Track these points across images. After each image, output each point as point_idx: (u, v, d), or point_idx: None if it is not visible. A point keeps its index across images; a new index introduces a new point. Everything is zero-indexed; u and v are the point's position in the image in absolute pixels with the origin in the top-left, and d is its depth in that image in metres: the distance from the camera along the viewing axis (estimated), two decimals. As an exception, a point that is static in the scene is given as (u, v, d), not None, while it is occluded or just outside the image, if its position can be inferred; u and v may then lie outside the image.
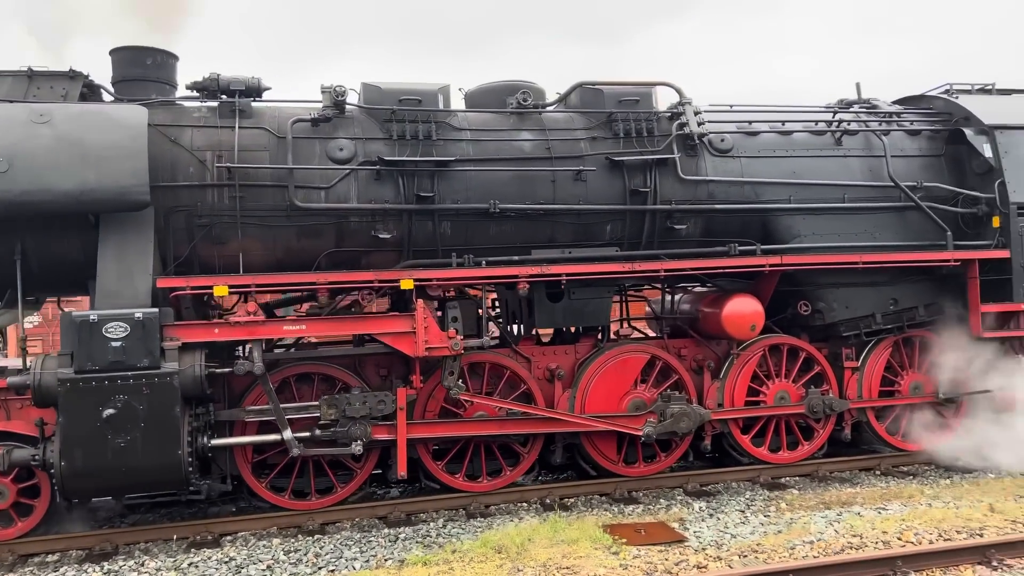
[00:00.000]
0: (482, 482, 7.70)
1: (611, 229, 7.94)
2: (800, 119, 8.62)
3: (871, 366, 8.50)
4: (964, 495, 7.24)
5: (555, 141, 7.86)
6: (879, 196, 8.43)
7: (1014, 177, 8.26)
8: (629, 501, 7.60)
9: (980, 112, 8.48)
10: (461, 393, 7.19)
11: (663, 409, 7.71)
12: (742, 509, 7.17)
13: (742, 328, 7.88)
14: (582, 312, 7.82)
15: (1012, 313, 8.27)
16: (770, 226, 8.23)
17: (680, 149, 8.02)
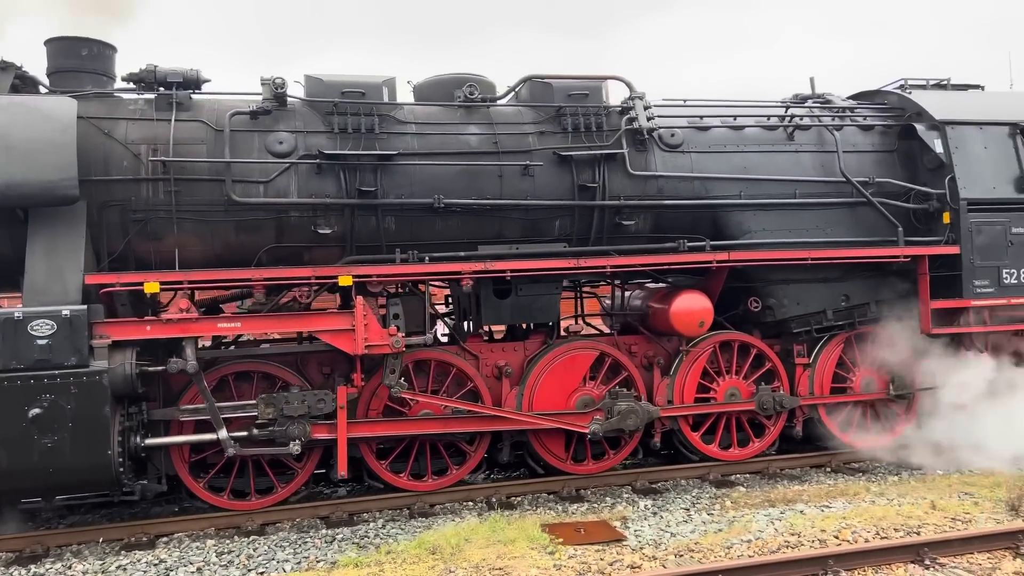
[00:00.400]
0: (427, 481, 7.59)
1: (560, 225, 7.85)
2: (752, 114, 8.55)
3: (823, 363, 8.46)
4: (909, 492, 7.22)
5: (503, 135, 7.75)
6: (831, 192, 8.38)
7: (964, 173, 8.24)
8: (575, 499, 7.52)
9: (932, 107, 8.45)
10: (403, 392, 7.08)
11: (610, 406, 7.63)
12: (687, 507, 7.11)
13: (690, 325, 7.82)
14: (530, 308, 7.73)
15: (963, 309, 8.26)
16: (721, 222, 8.17)
17: (629, 144, 7.94)
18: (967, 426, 8.05)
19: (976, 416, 8.08)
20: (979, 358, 8.33)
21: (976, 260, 8.17)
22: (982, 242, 8.19)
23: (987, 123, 8.41)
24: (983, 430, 7.99)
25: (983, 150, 8.35)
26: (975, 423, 8.08)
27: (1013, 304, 8.28)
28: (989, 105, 8.72)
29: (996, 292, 8.23)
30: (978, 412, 8.08)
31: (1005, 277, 8.24)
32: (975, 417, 8.08)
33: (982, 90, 9.48)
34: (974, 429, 8.02)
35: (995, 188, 8.29)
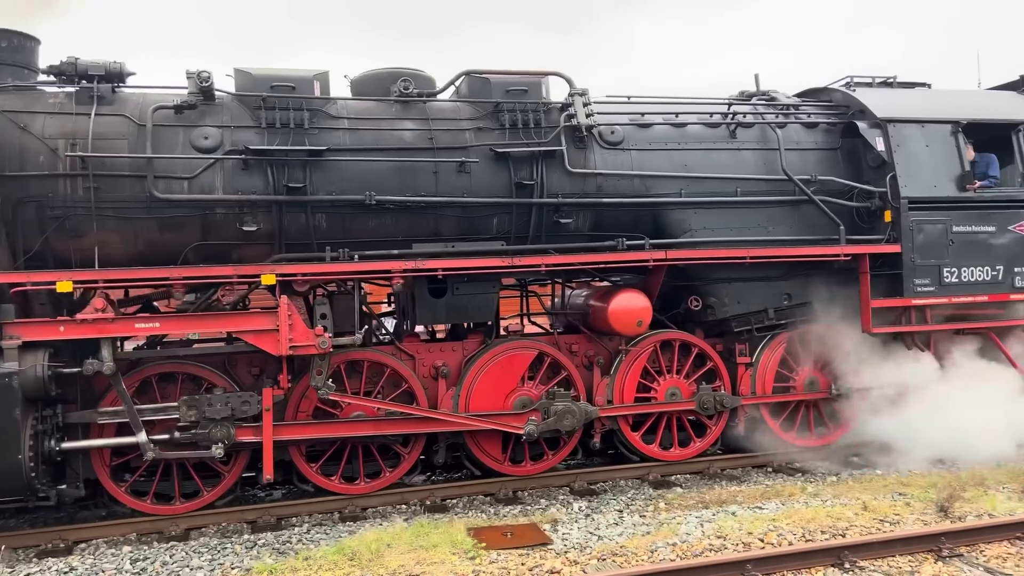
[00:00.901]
0: (359, 484, 7.44)
1: (498, 223, 7.73)
2: (695, 111, 8.46)
3: (765, 362, 8.39)
4: (845, 493, 7.17)
5: (438, 131, 7.61)
6: (773, 190, 8.31)
7: (905, 171, 8.19)
8: (511, 501, 7.41)
9: (874, 105, 8.40)
10: (331, 394, 6.93)
11: (547, 407, 7.53)
12: (620, 509, 7.01)
13: (628, 324, 7.72)
14: (467, 308, 7.60)
15: (906, 308, 8.23)
16: (661, 220, 8.08)
17: (568, 141, 7.82)
18: (907, 425, 8.02)
19: (916, 415, 8.05)
20: (921, 357, 8.30)
21: (917, 259, 8.14)
22: (923, 241, 8.16)
23: (929, 121, 8.37)
24: (922, 429, 7.97)
25: (925, 148, 8.31)
26: (915, 422, 8.06)
27: (954, 303, 8.25)
28: (932, 103, 8.68)
29: (937, 291, 8.20)
30: (918, 411, 8.05)
31: (946, 276, 8.22)
32: (915, 416, 8.06)
33: (928, 88, 9.47)
34: (913, 428, 7.99)
35: (936, 187, 8.25)
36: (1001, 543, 5.64)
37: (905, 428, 8.04)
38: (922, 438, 7.87)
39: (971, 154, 8.58)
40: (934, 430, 7.82)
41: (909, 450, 7.95)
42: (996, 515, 6.18)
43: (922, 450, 7.86)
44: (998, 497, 6.78)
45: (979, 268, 8.33)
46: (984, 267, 8.34)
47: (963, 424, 7.70)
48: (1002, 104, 8.89)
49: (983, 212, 8.35)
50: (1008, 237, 8.42)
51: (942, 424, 7.89)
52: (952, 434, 7.79)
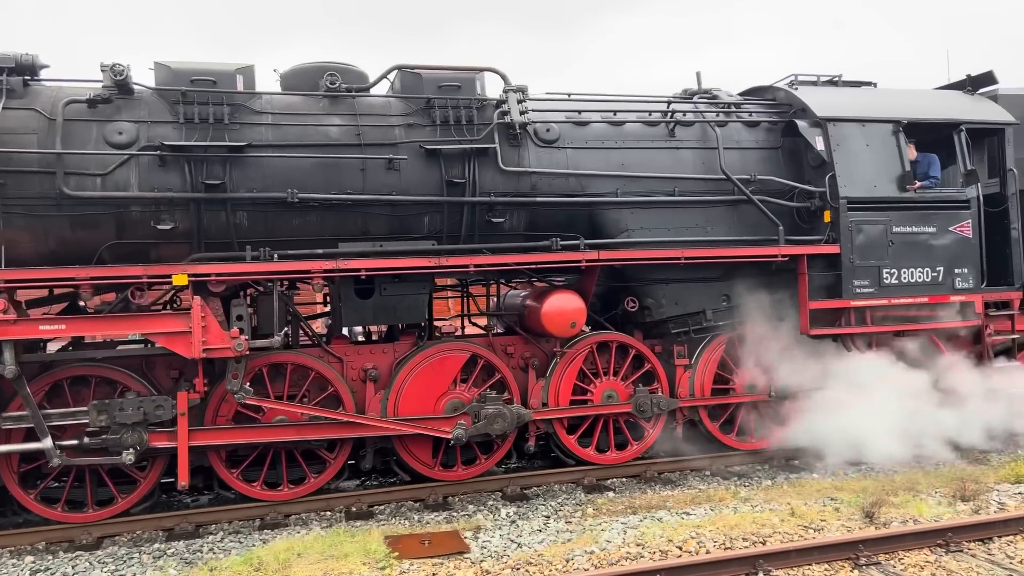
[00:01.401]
0: (283, 491, 7.24)
1: (429, 222, 7.55)
2: (634, 109, 8.32)
3: (703, 364, 8.27)
4: (777, 497, 7.05)
5: (367, 127, 7.42)
6: (712, 189, 8.19)
7: (845, 171, 8.09)
8: (440, 508, 7.24)
9: (814, 104, 8.28)
10: (248, 398, 6.72)
11: (477, 410, 7.36)
12: (548, 515, 6.86)
13: (562, 325, 7.56)
14: (396, 309, 7.41)
15: (845, 310, 8.13)
16: (598, 220, 7.93)
17: (502, 139, 7.66)
18: (838, 428, 7.93)
19: (854, 418, 7.96)
20: (860, 359, 8.21)
21: (856, 260, 8.04)
22: (862, 241, 8.06)
23: (869, 120, 8.27)
24: (859, 432, 7.89)
25: (865, 148, 8.21)
26: (852, 425, 7.97)
27: (894, 304, 8.17)
28: (873, 102, 8.58)
29: (876, 292, 8.11)
30: (855, 413, 7.96)
31: (886, 277, 8.13)
32: (853, 419, 7.97)
33: (874, 87, 9.38)
34: (850, 431, 7.91)
35: (876, 187, 8.15)
36: (921, 551, 5.54)
37: (836, 431, 7.95)
38: (852, 441, 7.79)
39: (913, 154, 8.51)
40: (862, 433, 7.75)
41: (840, 453, 7.86)
42: (923, 521, 6.08)
43: (852, 453, 7.78)
44: (929, 502, 6.69)
45: (919, 269, 8.24)
46: (924, 268, 8.26)
47: (887, 427, 7.63)
48: (945, 104, 8.81)
49: (923, 213, 8.26)
50: (949, 238, 8.34)
51: (877, 426, 7.83)
52: (888, 436, 7.72)
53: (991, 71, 9.32)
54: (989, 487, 7.05)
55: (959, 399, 8.13)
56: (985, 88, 9.40)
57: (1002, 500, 6.63)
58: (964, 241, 8.39)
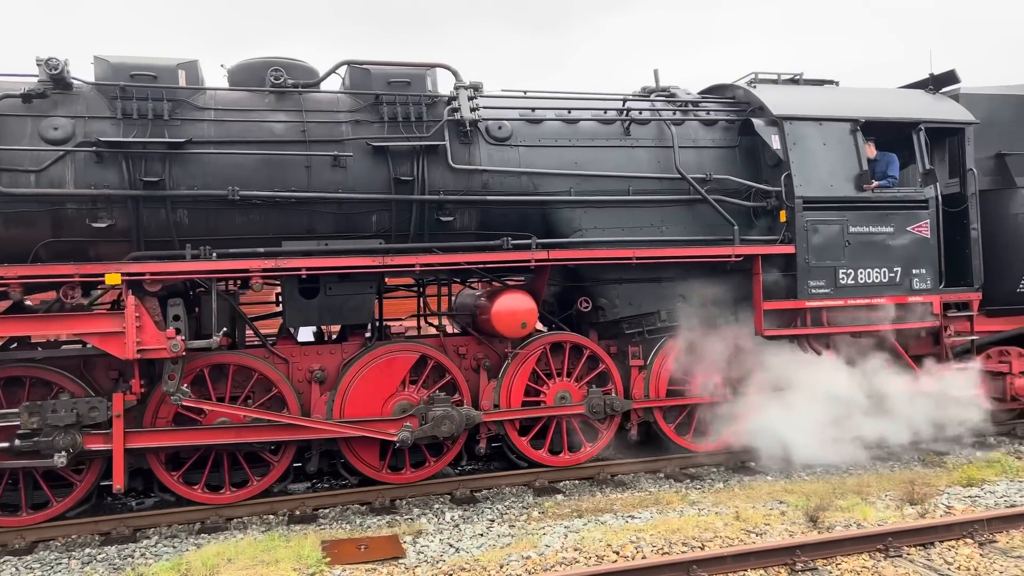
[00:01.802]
0: (224, 493, 7.11)
1: (377, 220, 7.43)
2: (589, 107, 8.21)
3: (659, 364, 8.17)
4: (726, 500, 6.96)
5: (312, 123, 7.29)
6: (667, 188, 8.09)
7: (801, 170, 8.00)
8: (386, 511, 7.11)
9: (771, 102, 8.19)
10: (186, 399, 6.58)
11: (424, 412, 7.24)
12: (493, 519, 6.74)
13: (512, 326, 7.45)
14: (341, 309, 7.28)
15: (800, 310, 8.04)
16: (551, 219, 7.83)
17: (453, 136, 7.54)
18: (793, 430, 7.86)
19: (802, 419, 7.90)
20: (813, 361, 8.13)
21: (812, 260, 7.96)
22: (818, 242, 7.98)
23: (827, 119, 8.18)
24: (807, 434, 7.83)
25: (822, 147, 8.12)
26: (801, 426, 7.91)
27: (850, 305, 8.09)
28: (831, 101, 8.50)
29: (832, 293, 8.03)
30: (804, 415, 7.89)
31: (841, 278, 8.05)
32: (801, 420, 7.90)
33: (835, 85, 9.30)
34: (799, 433, 7.84)
35: (833, 186, 8.07)
36: (860, 556, 5.45)
37: (786, 433, 7.89)
38: (801, 443, 7.74)
39: (872, 152, 8.44)
40: (809, 436, 7.69)
41: (792, 456, 7.79)
42: (866, 525, 5.99)
43: (803, 455, 7.72)
44: (877, 506, 6.61)
45: (876, 270, 8.17)
46: (882, 269, 8.18)
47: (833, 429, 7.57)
48: (905, 103, 8.74)
49: (881, 213, 8.19)
50: (906, 238, 8.27)
51: (832, 428, 7.77)
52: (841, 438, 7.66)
53: (953, 70, 9.27)
54: (940, 490, 6.98)
55: (898, 401, 8.05)
56: (948, 87, 9.35)
57: (950, 503, 6.55)
58: (922, 241, 8.32)
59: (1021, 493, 6.81)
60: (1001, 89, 9.57)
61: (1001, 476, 7.38)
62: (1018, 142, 9.39)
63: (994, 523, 5.77)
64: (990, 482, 7.16)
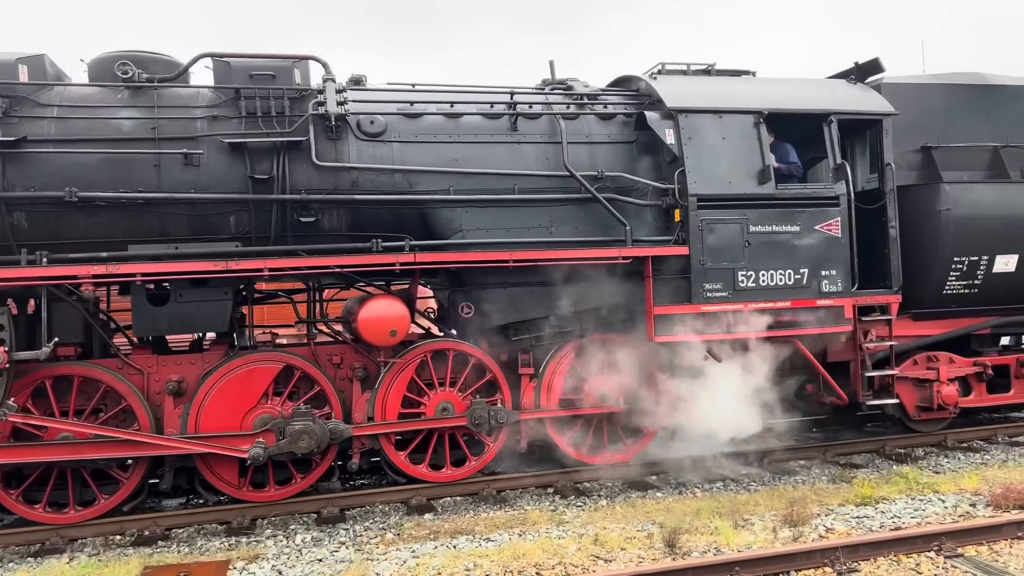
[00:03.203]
0: (69, 513, 6.70)
1: (236, 222, 7.00)
2: (474, 101, 7.75)
3: (550, 373, 7.69)
4: (599, 520, 6.48)
5: (165, 120, 6.88)
6: (557, 187, 7.61)
7: (696, 166, 7.50)
8: (244, 531, 6.68)
9: (666, 94, 7.69)
10: (11, 415, 6.18)
11: (282, 427, 6.81)
12: (346, 541, 6.29)
13: (380, 334, 7.01)
14: (194, 317, 6.85)
15: (696, 315, 7.54)
16: (430, 220, 7.37)
17: (319, 132, 7.11)
18: (695, 442, 7.41)
19: (705, 431, 7.43)
20: (716, 369, 7.63)
21: (707, 262, 7.45)
22: (714, 242, 7.47)
23: (727, 111, 7.67)
24: (709, 446, 7.38)
25: (721, 141, 7.62)
26: (704, 439, 7.45)
27: (750, 310, 7.58)
28: (735, 92, 7.98)
29: (731, 297, 7.52)
30: (707, 426, 7.42)
31: (741, 280, 7.54)
32: (704, 432, 7.43)
33: (752, 76, 8.78)
34: (701, 445, 7.39)
35: (731, 183, 7.56)
36: (702, 588, 4.97)
37: (684, 445, 7.45)
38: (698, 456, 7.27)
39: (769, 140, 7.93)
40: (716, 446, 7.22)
41: (687, 470, 7.35)
42: (726, 551, 5.49)
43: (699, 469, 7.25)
44: (756, 527, 6.09)
45: (780, 272, 7.66)
46: (786, 270, 7.67)
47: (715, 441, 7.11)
48: (815, 93, 8.22)
49: (785, 211, 7.67)
50: (815, 237, 7.75)
51: (725, 439, 7.31)
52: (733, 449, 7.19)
53: (877, 58, 8.74)
54: (829, 509, 6.47)
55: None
56: (873, 76, 8.83)
57: (832, 525, 6.04)
58: (832, 241, 7.79)
59: (915, 513, 6.29)
60: (931, 78, 9.05)
61: (905, 493, 6.85)
62: (950, 134, 8.87)
63: (860, 549, 5.26)
64: (888, 500, 6.64)
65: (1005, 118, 9.00)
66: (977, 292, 8.59)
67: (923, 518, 6.13)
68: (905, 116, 8.56)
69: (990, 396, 9.08)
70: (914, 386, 8.77)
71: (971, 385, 9.02)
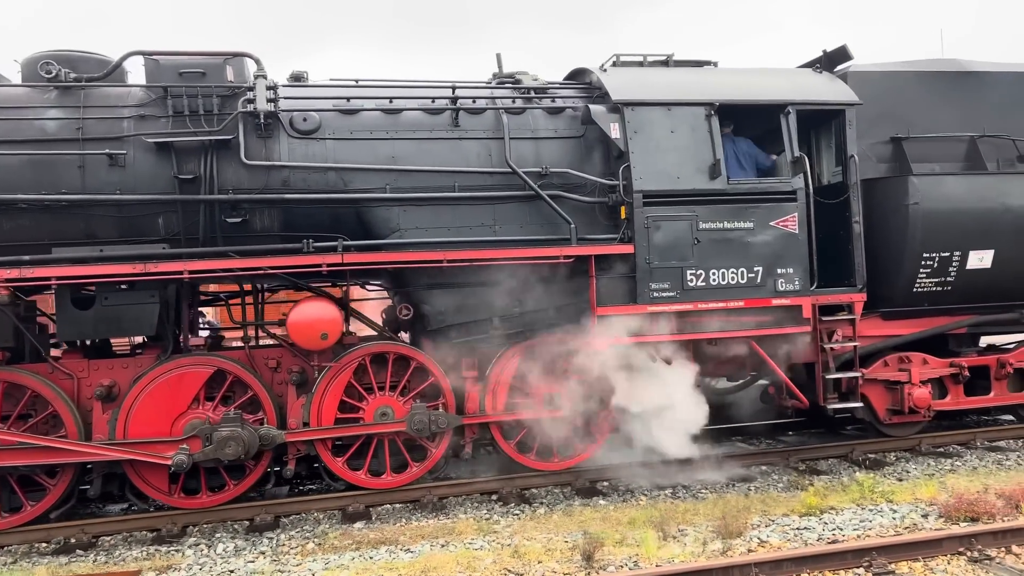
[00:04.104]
0: (-7, 520, 6.61)
1: (165, 223, 6.86)
2: (415, 96, 7.52)
3: (496, 376, 7.45)
4: (529, 530, 6.22)
5: (91, 120, 6.75)
6: (501, 184, 7.35)
7: (642, 161, 7.21)
8: (173, 539, 6.56)
9: (612, 86, 7.40)
10: (-76, 420, 6.09)
11: (209, 433, 6.65)
12: (266, 551, 6.12)
13: (310, 337, 6.82)
14: (120, 320, 6.71)
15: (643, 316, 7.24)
16: (366, 219, 7.16)
17: (249, 130, 6.93)
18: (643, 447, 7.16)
19: (653, 436, 7.16)
20: (666, 370, 7.34)
21: (654, 261, 7.16)
22: (661, 240, 7.17)
23: (677, 103, 7.36)
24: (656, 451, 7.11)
25: (670, 135, 7.31)
26: (652, 443, 7.19)
27: (700, 310, 7.27)
28: (688, 84, 7.66)
29: (678, 297, 7.22)
30: (655, 431, 7.16)
31: (690, 280, 7.23)
32: (652, 437, 7.17)
33: (713, 67, 8.44)
34: (649, 450, 7.13)
35: (680, 178, 7.25)
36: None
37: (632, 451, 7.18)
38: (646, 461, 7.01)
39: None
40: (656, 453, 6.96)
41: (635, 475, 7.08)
42: (643, 566, 5.22)
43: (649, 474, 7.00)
44: (689, 537, 5.81)
45: (732, 270, 7.33)
46: (739, 269, 7.34)
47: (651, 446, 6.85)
48: (773, 83, 7.86)
49: (738, 207, 7.35)
50: (770, 234, 7.41)
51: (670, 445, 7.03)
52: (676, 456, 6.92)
53: (844, 46, 8.39)
54: (771, 519, 6.15)
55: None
56: (841, 65, 8.46)
57: (766, 537, 5.72)
58: (788, 237, 7.45)
59: (859, 524, 5.95)
60: (903, 65, 8.64)
61: (856, 502, 6.51)
62: (924, 123, 8.48)
63: (784, 565, 4.96)
64: (836, 510, 6.31)
65: (983, 106, 8.58)
66: (951, 290, 8.19)
67: (865, 530, 5.80)
68: (873, 106, 8.20)
69: (968, 399, 8.68)
70: (885, 388, 8.39)
71: (947, 387, 8.62)
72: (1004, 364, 8.62)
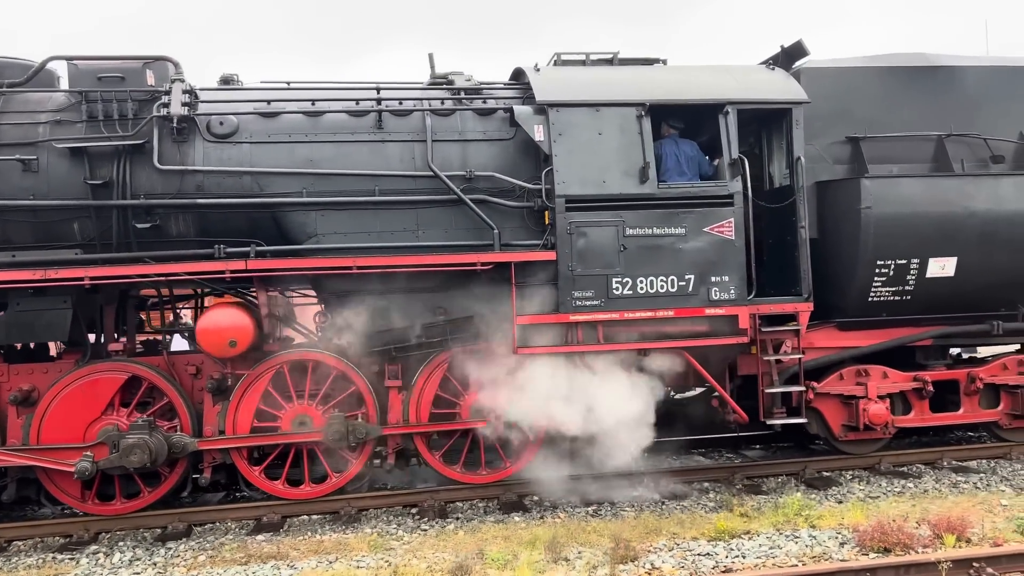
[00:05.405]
0: (-93, 523, 6.68)
1: (80, 228, 6.84)
2: (338, 98, 7.35)
3: (420, 386, 7.25)
4: (430, 547, 5.99)
5: (6, 125, 6.78)
6: (425, 188, 7.13)
7: (566, 164, 6.92)
8: (84, 545, 6.56)
9: (538, 86, 7.13)
10: None
11: (116, 440, 6.61)
12: (158, 561, 6.03)
13: (218, 344, 6.72)
14: (32, 325, 6.73)
15: (568, 325, 6.97)
16: (283, 224, 7.03)
17: (163, 134, 6.86)
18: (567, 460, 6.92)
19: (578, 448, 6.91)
20: (593, 381, 7.04)
21: (577, 268, 6.87)
22: (585, 246, 6.88)
23: (604, 104, 7.06)
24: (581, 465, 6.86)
25: (597, 136, 7.00)
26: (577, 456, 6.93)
27: (626, 319, 6.96)
28: (619, 83, 7.33)
29: (603, 305, 6.91)
30: (580, 443, 6.90)
31: (615, 288, 6.92)
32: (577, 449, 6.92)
33: (662, 64, 8.08)
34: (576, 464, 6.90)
35: (606, 182, 6.94)
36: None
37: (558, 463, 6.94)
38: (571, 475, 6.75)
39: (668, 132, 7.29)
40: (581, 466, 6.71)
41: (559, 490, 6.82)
42: (515, 592, 4.98)
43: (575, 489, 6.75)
44: (582, 560, 5.53)
45: (662, 278, 7.00)
46: (669, 276, 7.00)
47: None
48: (711, 81, 7.47)
49: (669, 211, 7.01)
50: (703, 240, 7.05)
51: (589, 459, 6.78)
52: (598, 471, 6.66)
53: (800, 40, 7.99)
54: (677, 543, 5.81)
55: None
56: (799, 61, 8.05)
57: (661, 563, 5.40)
58: (723, 244, 7.08)
59: (767, 552, 5.57)
60: (863, 60, 8.18)
61: (776, 526, 6.12)
62: (886, 122, 8.02)
63: (653, 598, 4.66)
64: (750, 534, 5.93)
65: (952, 103, 8.08)
66: (910, 300, 7.70)
67: (769, 558, 5.43)
68: (828, 104, 7.81)
69: (934, 415, 8.15)
70: (840, 403, 7.95)
71: (912, 403, 8.12)
72: (974, 379, 8.09)
